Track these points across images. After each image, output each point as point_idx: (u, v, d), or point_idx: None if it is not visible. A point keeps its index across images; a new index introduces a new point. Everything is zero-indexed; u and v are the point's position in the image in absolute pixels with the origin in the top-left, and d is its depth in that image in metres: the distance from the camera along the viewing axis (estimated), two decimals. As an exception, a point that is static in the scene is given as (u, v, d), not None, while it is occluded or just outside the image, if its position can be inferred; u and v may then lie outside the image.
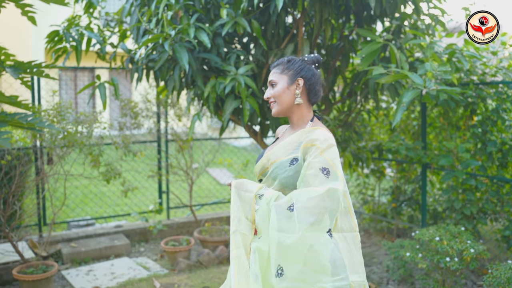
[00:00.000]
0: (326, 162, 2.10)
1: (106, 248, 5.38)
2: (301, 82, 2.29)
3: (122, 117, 6.00)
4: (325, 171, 2.08)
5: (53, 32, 4.47)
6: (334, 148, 2.16)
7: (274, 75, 2.33)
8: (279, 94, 2.30)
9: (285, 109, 2.32)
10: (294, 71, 2.30)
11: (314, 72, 2.34)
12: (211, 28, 3.94)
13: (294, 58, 2.35)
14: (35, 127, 3.87)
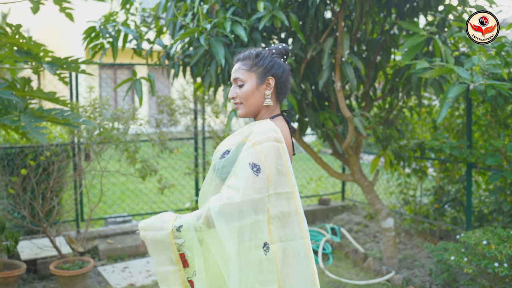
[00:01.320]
0: (258, 157, 1.87)
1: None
2: (272, 82, 2.05)
3: (159, 113, 5.98)
4: (255, 168, 1.85)
5: (90, 28, 4.45)
6: (272, 143, 1.90)
7: (240, 71, 2.05)
8: (247, 95, 2.04)
9: (253, 111, 2.08)
10: (264, 69, 2.04)
11: (284, 67, 2.11)
12: (248, 22, 3.84)
13: (262, 52, 2.08)
14: (70, 122, 3.85)
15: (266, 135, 1.90)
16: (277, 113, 2.10)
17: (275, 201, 1.90)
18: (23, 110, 3.73)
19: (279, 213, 1.91)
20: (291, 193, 1.94)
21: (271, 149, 1.89)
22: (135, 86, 4.33)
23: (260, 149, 1.87)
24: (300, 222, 1.96)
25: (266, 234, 1.87)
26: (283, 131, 2.02)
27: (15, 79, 4.35)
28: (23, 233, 5.42)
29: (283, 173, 1.93)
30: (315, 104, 4.59)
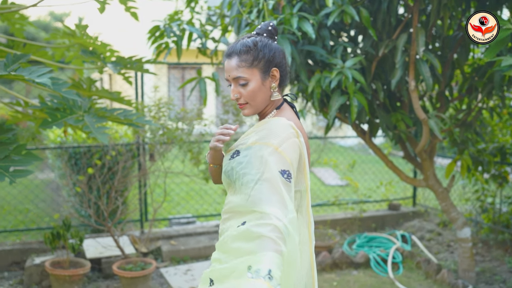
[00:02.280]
0: (284, 161, 1.69)
1: (205, 247, 5.27)
2: (277, 74, 1.86)
3: (224, 113, 5.88)
4: (286, 174, 1.67)
5: (155, 27, 4.40)
6: (291, 140, 1.75)
7: (241, 69, 1.81)
8: (254, 94, 1.83)
9: (262, 107, 1.89)
10: (266, 61, 1.83)
11: (281, 50, 1.90)
12: (316, 18, 3.64)
13: (258, 42, 1.84)
14: (133, 122, 3.80)
15: (283, 134, 1.75)
16: (280, 100, 1.94)
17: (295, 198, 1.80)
18: (88, 110, 3.71)
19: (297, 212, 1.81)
20: (305, 191, 1.81)
21: (293, 148, 1.74)
22: (199, 86, 4.25)
23: (283, 151, 1.71)
24: (308, 223, 1.82)
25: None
26: (293, 119, 1.87)
27: (82, 79, 4.37)
28: (90, 231, 5.47)
29: (301, 170, 1.80)
30: (386, 104, 4.32)
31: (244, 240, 1.58)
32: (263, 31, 1.91)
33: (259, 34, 1.91)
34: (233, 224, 1.73)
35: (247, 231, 1.58)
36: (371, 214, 6.40)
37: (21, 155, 3.18)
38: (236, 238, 1.61)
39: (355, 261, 4.97)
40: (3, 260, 4.92)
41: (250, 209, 1.65)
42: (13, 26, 4.72)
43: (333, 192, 8.29)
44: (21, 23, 4.70)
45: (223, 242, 1.68)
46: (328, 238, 5.35)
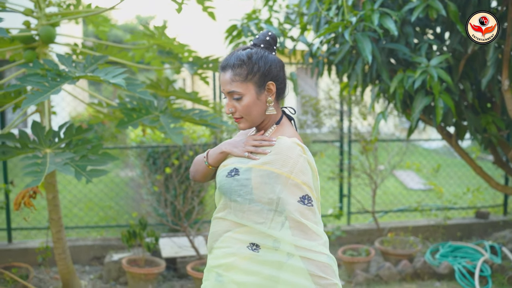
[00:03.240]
0: (301, 187, 1.69)
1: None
2: (273, 87, 1.78)
3: (303, 114, 5.76)
4: (306, 200, 1.68)
5: (232, 26, 4.35)
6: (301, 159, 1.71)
7: (235, 84, 1.75)
8: (249, 109, 1.76)
9: (258, 121, 1.81)
10: (261, 75, 1.75)
11: (278, 62, 1.81)
12: (399, 14, 3.42)
13: (253, 54, 1.77)
14: (208, 123, 3.77)
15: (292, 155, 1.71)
16: (280, 115, 1.86)
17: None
18: (164, 110, 3.72)
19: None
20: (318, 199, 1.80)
21: (305, 166, 1.72)
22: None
23: (295, 176, 1.69)
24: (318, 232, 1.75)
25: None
26: (295, 135, 1.82)
27: (160, 80, 4.40)
28: (166, 230, 5.52)
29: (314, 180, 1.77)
30: (475, 106, 4.02)
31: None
32: (261, 41, 1.83)
33: (256, 45, 1.83)
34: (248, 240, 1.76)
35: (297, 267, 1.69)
36: (457, 222, 6.03)
37: (98, 154, 3.22)
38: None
39: (438, 271, 4.68)
40: (85, 254, 5.07)
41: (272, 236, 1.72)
42: (97, 28, 4.85)
43: (415, 197, 7.93)
44: (104, 26, 4.82)
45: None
46: (409, 246, 5.08)
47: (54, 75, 2.84)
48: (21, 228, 5.43)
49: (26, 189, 2.92)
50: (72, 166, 2.96)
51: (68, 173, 2.82)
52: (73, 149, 3.11)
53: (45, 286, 4.50)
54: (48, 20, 3.77)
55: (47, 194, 3.92)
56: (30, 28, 3.83)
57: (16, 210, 2.93)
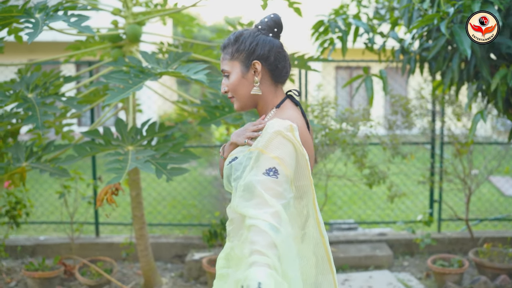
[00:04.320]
0: (270, 160, 1.58)
1: (366, 257, 4.93)
2: (259, 66, 1.74)
3: (392, 114, 5.48)
4: (272, 172, 1.57)
5: (318, 22, 4.18)
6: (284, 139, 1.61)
7: (225, 62, 1.80)
8: (234, 87, 1.77)
9: (248, 102, 1.79)
10: (246, 53, 1.75)
11: (272, 43, 1.77)
12: (504, 2, 3.11)
13: (243, 33, 1.78)
14: (293, 122, 3.63)
15: (272, 130, 1.62)
16: (281, 98, 1.82)
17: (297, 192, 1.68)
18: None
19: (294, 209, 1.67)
20: (309, 185, 1.68)
21: (283, 142, 1.61)
22: (365, 84, 3.95)
23: (268, 151, 1.60)
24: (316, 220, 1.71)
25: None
26: (295, 117, 1.74)
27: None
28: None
29: (301, 164, 1.66)
30: None
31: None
32: (260, 23, 1.82)
33: (256, 26, 1.82)
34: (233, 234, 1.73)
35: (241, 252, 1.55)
36: None
37: (179, 152, 3.18)
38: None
39: (542, 288, 4.27)
40: (167, 252, 5.10)
41: (240, 214, 1.61)
42: (184, 28, 4.86)
43: (515, 204, 7.37)
44: (190, 25, 4.83)
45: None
46: (508, 259, 4.67)
47: (137, 72, 2.82)
48: (107, 223, 5.57)
49: (108, 186, 2.92)
50: (153, 163, 2.94)
51: (149, 170, 2.79)
52: (155, 147, 3.09)
53: (128, 281, 4.56)
54: (134, 19, 3.80)
55: (130, 191, 3.95)
56: (117, 27, 3.89)
57: (98, 206, 2.95)
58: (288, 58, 1.82)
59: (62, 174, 3.05)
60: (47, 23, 2.57)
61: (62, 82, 3.31)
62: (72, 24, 2.60)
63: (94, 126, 3.59)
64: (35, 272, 4.29)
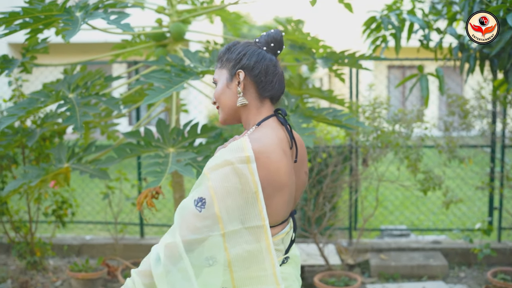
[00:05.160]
0: (205, 189, 1.49)
1: (419, 266, 4.67)
2: (242, 75, 1.64)
3: (449, 115, 5.18)
4: (200, 202, 1.48)
5: (370, 18, 3.97)
6: (229, 168, 1.48)
7: (216, 70, 1.74)
8: (218, 95, 1.69)
9: (231, 114, 1.70)
10: (234, 62, 1.67)
11: (261, 56, 1.66)
12: None
13: (236, 44, 1.71)
14: (343, 124, 3.44)
15: (224, 157, 1.51)
16: (265, 115, 1.67)
17: (239, 238, 1.51)
18: (294, 109, 3.47)
19: (245, 252, 1.52)
20: (261, 227, 1.51)
21: (229, 176, 1.48)
22: (420, 83, 3.73)
23: (211, 178, 1.49)
24: (272, 263, 1.53)
25: (227, 279, 1.54)
26: (269, 140, 1.57)
27: (292, 77, 4.16)
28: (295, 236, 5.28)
29: (252, 202, 1.50)
30: None
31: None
32: (259, 38, 1.73)
33: (247, 42, 1.73)
34: None
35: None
36: None
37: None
38: None
39: None
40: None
41: None
42: (231, 26, 4.75)
43: None
44: (237, 23, 4.71)
45: None
46: None
47: (178, 71, 2.70)
48: (152, 225, 5.52)
49: (148, 189, 2.82)
50: (194, 167, 2.82)
51: (189, 174, 2.66)
52: (196, 149, 2.97)
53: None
54: (179, 16, 3.71)
55: (174, 193, 3.86)
56: (162, 26, 3.80)
57: (138, 210, 2.85)
58: (279, 75, 1.70)
59: (102, 176, 2.98)
60: (86, 21, 2.49)
61: (102, 81, 3.24)
62: (111, 21, 2.51)
63: (136, 127, 3.51)
64: (78, 273, 4.27)
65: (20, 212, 4.84)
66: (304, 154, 1.79)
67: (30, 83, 6.65)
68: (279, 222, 1.61)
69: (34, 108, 2.69)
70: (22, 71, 3.45)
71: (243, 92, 1.65)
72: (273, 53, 1.69)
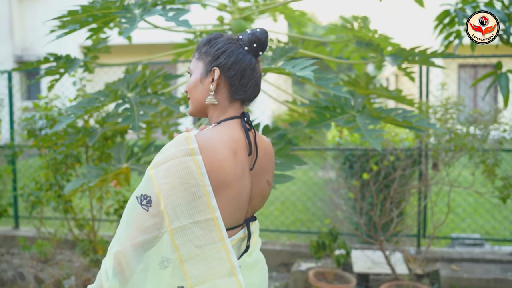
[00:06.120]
0: (150, 185, 1.45)
1: (496, 280, 4.33)
2: (216, 74, 1.59)
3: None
4: (145, 200, 1.44)
5: (443, 12, 3.71)
6: (173, 161, 1.44)
7: (192, 60, 1.69)
8: (190, 88, 1.65)
9: (199, 108, 1.66)
10: (211, 57, 1.62)
11: (240, 57, 1.60)
12: None
13: (218, 37, 1.65)
14: (413, 125, 3.22)
15: (167, 152, 1.47)
16: (230, 115, 1.62)
17: (189, 233, 1.45)
18: (361, 109, 3.28)
19: (196, 249, 1.46)
20: (211, 219, 1.46)
21: (173, 170, 1.44)
22: (498, 82, 3.44)
23: (154, 174, 1.45)
24: (227, 255, 1.49)
25: (182, 278, 1.47)
26: (220, 137, 1.53)
27: (359, 76, 3.97)
28: (360, 241, 5.06)
29: (199, 195, 1.44)
30: None
31: None
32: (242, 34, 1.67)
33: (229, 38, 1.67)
34: None
35: None
36: None
37: (284, 157, 2.91)
38: None
39: None
40: (273, 260, 4.87)
41: None
42: (294, 23, 4.61)
43: None
44: (301, 20, 4.56)
45: None
46: None
47: (239, 69, 2.58)
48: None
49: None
50: (254, 169, 2.69)
51: (249, 177, 2.54)
52: (257, 151, 2.84)
53: None
54: (240, 14, 3.60)
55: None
56: (223, 23, 3.72)
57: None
58: (255, 79, 1.63)
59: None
60: (144, 17, 2.42)
61: (162, 80, 3.18)
62: (169, 18, 2.43)
63: (197, 126, 3.43)
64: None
65: (84, 211, 4.90)
66: (266, 163, 1.70)
67: (95, 83, 6.77)
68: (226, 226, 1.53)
69: (92, 107, 2.65)
70: (84, 71, 3.45)
71: (215, 91, 1.61)
72: (254, 54, 1.63)
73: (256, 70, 1.63)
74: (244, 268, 1.63)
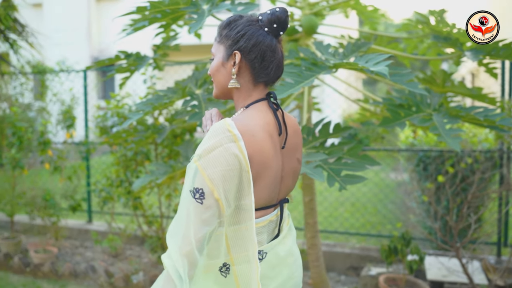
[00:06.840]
0: (200, 178, 1.41)
1: None
2: (237, 57, 1.57)
3: None
4: (198, 193, 1.41)
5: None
6: (219, 150, 1.42)
7: (214, 44, 1.66)
8: (213, 72, 1.64)
9: (224, 92, 1.65)
10: (231, 41, 1.59)
11: (261, 39, 1.56)
12: None
13: (238, 19, 1.61)
14: (496, 125, 3.00)
15: (211, 141, 1.45)
16: (255, 98, 1.63)
17: (230, 217, 1.50)
18: (438, 108, 3.10)
19: (236, 228, 1.50)
20: (250, 205, 1.48)
21: (220, 158, 1.43)
22: None
23: (201, 165, 1.43)
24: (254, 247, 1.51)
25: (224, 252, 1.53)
26: (254, 122, 1.54)
27: (435, 73, 3.77)
28: (434, 247, 4.82)
29: (245, 180, 1.46)
30: None
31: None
32: (262, 14, 1.63)
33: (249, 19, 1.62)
34: None
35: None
36: None
37: (356, 157, 2.79)
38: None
39: None
40: (342, 263, 4.73)
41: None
42: (366, 19, 4.46)
43: None
44: (374, 16, 4.41)
45: None
46: None
47: (309, 65, 2.49)
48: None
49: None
50: (324, 169, 2.59)
51: (319, 177, 2.44)
52: (328, 150, 2.73)
53: (299, 290, 4.30)
54: (311, 9, 3.50)
55: (304, 197, 3.66)
56: (293, 19, 3.63)
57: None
58: (277, 60, 1.61)
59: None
60: (211, 12, 2.38)
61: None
62: (238, 13, 2.37)
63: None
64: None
65: (153, 208, 4.95)
66: (296, 140, 1.72)
67: (165, 81, 6.86)
68: (260, 206, 1.55)
69: (160, 104, 2.64)
70: (154, 68, 3.46)
71: (237, 74, 1.60)
72: (274, 35, 1.60)
73: (277, 51, 1.61)
74: (272, 255, 1.63)
